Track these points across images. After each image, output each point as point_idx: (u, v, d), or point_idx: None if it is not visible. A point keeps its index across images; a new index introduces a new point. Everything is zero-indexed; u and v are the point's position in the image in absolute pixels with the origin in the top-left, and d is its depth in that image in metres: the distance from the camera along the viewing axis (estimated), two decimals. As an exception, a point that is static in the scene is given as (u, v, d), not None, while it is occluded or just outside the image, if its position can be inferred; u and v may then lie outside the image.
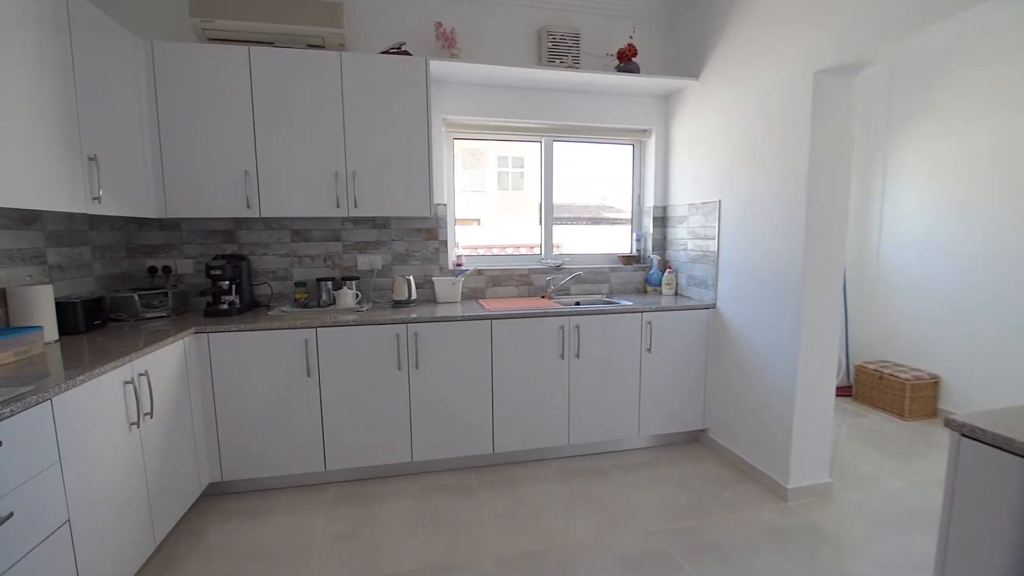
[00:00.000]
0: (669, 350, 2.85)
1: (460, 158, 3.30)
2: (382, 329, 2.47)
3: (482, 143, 3.37)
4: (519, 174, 3.51)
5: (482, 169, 3.44)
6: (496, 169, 3.49)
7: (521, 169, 3.51)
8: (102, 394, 1.63)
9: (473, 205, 3.38)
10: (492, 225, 3.41)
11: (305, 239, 2.92)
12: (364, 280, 3.01)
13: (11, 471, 1.25)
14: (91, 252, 2.44)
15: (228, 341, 2.32)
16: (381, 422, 2.52)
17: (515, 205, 3.52)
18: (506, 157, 3.44)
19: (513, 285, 3.23)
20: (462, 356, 2.58)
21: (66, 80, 1.84)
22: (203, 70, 2.41)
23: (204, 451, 2.33)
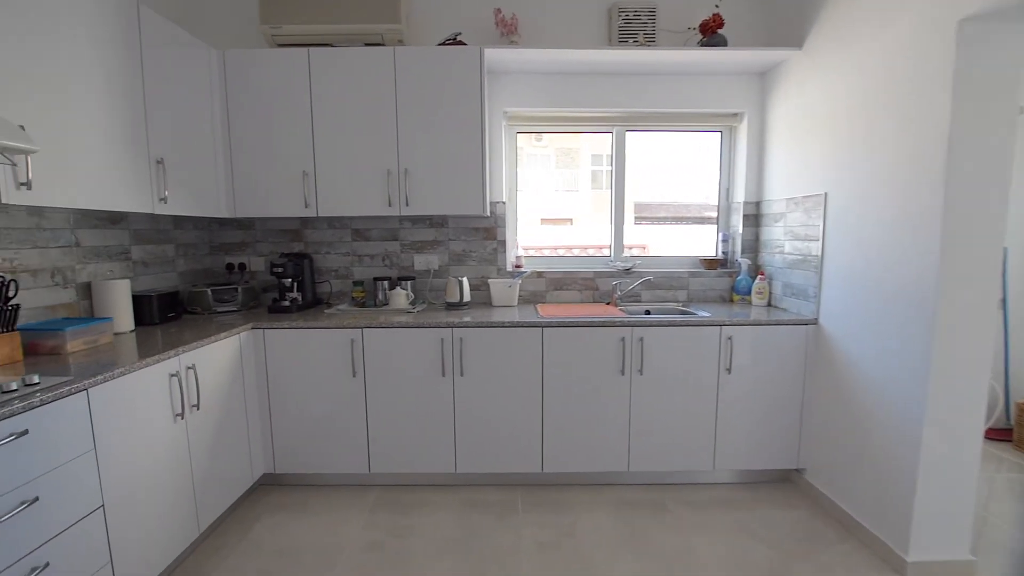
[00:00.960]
0: (755, 371, 2.40)
1: (553, 158, 3.13)
2: (427, 332, 2.37)
3: (575, 142, 3.16)
4: (610, 172, 3.23)
5: (575, 168, 3.24)
6: (590, 168, 3.27)
7: (612, 167, 3.24)
8: (145, 386, 1.69)
9: (567, 205, 3.18)
10: (586, 225, 3.16)
11: (365, 238, 2.93)
12: (420, 280, 2.95)
13: (38, 458, 1.31)
14: (174, 249, 2.64)
15: (281, 337, 2.37)
16: (424, 429, 2.43)
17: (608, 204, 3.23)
18: (600, 155, 3.19)
19: (576, 289, 2.97)
20: (510, 365, 2.39)
21: (135, 89, 1.97)
22: (267, 75, 2.49)
23: (259, 443, 2.40)
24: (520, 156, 3.12)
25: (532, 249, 3.14)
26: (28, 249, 1.86)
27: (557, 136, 3.16)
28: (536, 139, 3.19)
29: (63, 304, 2.00)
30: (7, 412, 1.23)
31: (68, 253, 2.02)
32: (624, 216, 3.06)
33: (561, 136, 3.10)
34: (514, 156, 3.02)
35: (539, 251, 3.15)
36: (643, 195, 3.14)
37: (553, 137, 3.18)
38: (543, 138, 3.22)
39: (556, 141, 3.17)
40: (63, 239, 2.00)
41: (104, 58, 1.82)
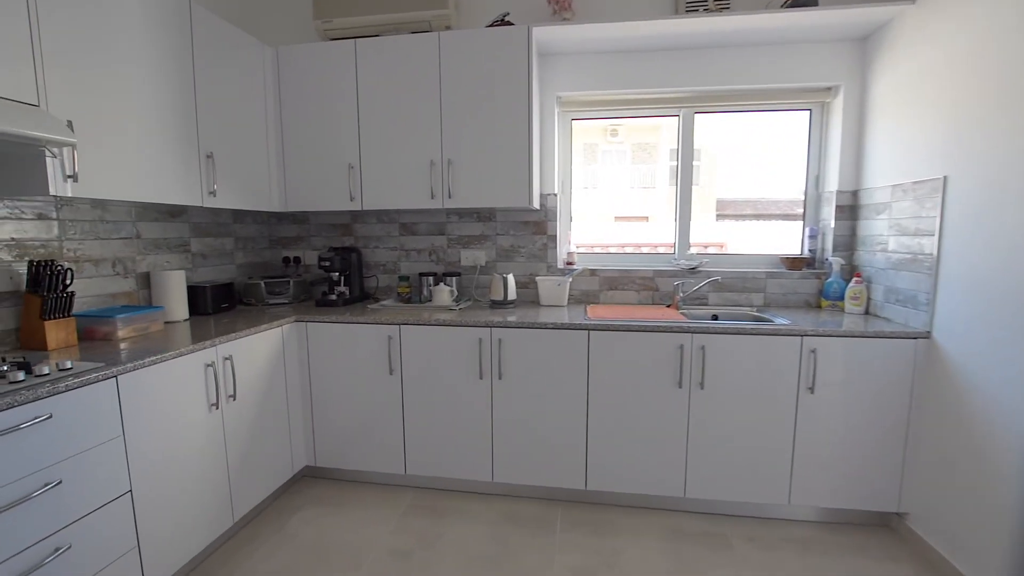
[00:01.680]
0: (846, 392, 2.01)
1: (629, 153, 2.90)
2: (464, 331, 2.25)
3: (652, 137, 2.90)
4: (695, 167, 2.93)
5: (652, 164, 2.99)
6: (668, 163, 3.00)
7: (697, 163, 2.94)
8: (179, 375, 1.72)
9: (643, 202, 2.94)
10: (663, 223, 2.89)
11: (412, 233, 2.87)
12: (467, 276, 2.84)
13: (61, 443, 1.34)
14: (233, 243, 2.74)
15: (322, 331, 2.36)
16: (461, 433, 2.31)
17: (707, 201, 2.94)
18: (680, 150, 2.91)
19: (633, 290, 2.70)
20: (552, 370, 2.20)
21: (186, 85, 2.02)
22: (316, 69, 2.49)
23: (301, 435, 2.42)
24: (594, 152, 2.91)
25: (592, 247, 2.91)
26: (91, 240, 1.97)
27: (633, 130, 2.90)
28: (611, 134, 2.97)
29: (123, 292, 2.11)
30: (31, 396, 1.26)
31: (129, 244, 2.13)
32: (691, 209, 2.74)
33: (637, 130, 2.83)
34: (568, 144, 2.81)
35: (604, 248, 2.91)
36: (724, 189, 2.80)
37: (629, 131, 2.93)
38: (618, 132, 2.98)
39: (632, 136, 2.92)
40: (125, 231, 2.11)
41: (155, 55, 1.88)
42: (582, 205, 2.90)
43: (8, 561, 1.22)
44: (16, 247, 1.72)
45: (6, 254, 1.69)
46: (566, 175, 2.83)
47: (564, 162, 2.81)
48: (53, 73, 1.52)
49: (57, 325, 1.71)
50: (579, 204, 2.89)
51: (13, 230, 1.71)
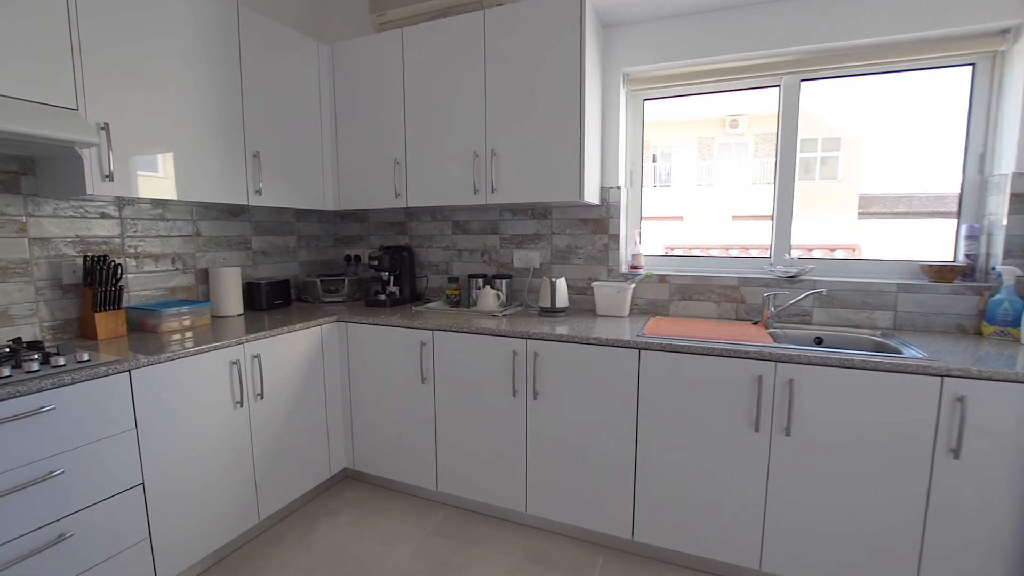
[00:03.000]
0: (1009, 463, 1.40)
1: (752, 146, 2.49)
2: (497, 342, 2.01)
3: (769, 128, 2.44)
4: (832, 158, 2.41)
5: (775, 156, 2.54)
6: (799, 155, 2.52)
7: (835, 153, 2.42)
8: (201, 372, 1.73)
9: (762, 199, 2.49)
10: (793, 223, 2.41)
11: (465, 231, 2.70)
12: (519, 279, 2.59)
13: (65, 434, 1.37)
14: (296, 241, 2.82)
15: (361, 332, 2.29)
16: (493, 455, 2.08)
17: (822, 197, 2.42)
18: (813, 140, 2.41)
19: (711, 300, 2.23)
20: (594, 393, 1.87)
21: (232, 86, 2.06)
22: (366, 63, 2.43)
23: (341, 437, 2.38)
24: (710, 146, 2.52)
25: (672, 248, 2.50)
26: (152, 237, 2.10)
27: (757, 120, 2.43)
28: (730, 125, 2.55)
29: (182, 287, 2.23)
30: (34, 388, 1.30)
31: (188, 241, 2.25)
32: (792, 201, 2.19)
33: (762, 120, 2.36)
34: (639, 129, 2.42)
35: (704, 251, 2.48)
36: (867, 181, 2.22)
37: (751, 122, 2.47)
38: (739, 123, 2.55)
39: (756, 126, 2.46)
40: (185, 229, 2.23)
41: (200, 57, 1.93)
42: (695, 204, 2.51)
43: (6, 545, 1.27)
44: (80, 243, 1.87)
45: (71, 250, 1.84)
46: (635, 165, 2.44)
47: (633, 150, 2.43)
48: (92, 77, 1.60)
49: (107, 316, 1.83)
50: (690, 202, 2.51)
51: (78, 228, 1.86)
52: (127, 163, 1.70)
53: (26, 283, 1.72)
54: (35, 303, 1.75)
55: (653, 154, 2.52)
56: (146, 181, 1.77)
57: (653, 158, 2.53)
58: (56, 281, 1.80)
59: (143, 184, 1.75)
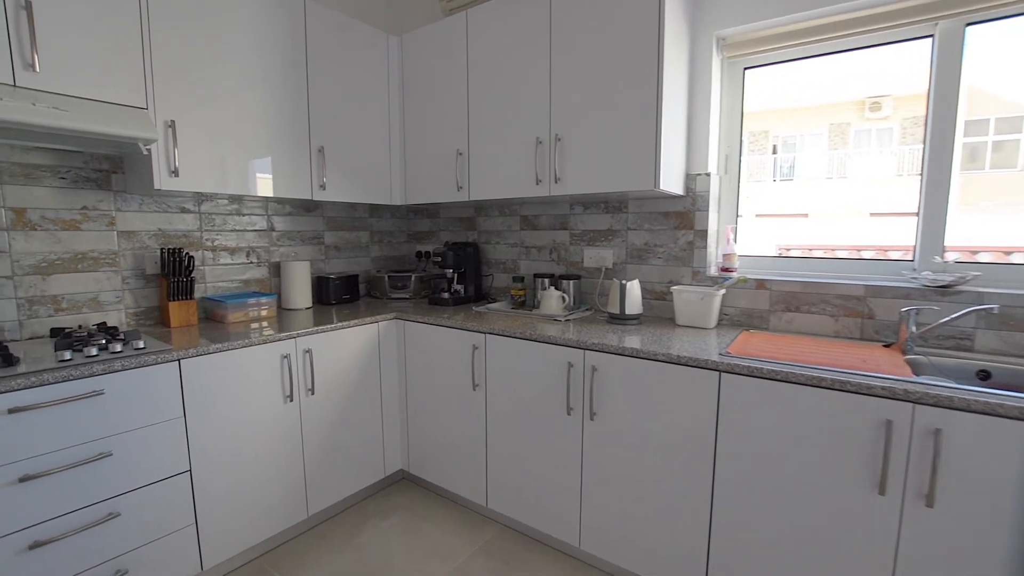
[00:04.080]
0: None
1: (897, 131, 2.05)
2: (551, 351, 1.78)
3: None
4: (1009, 142, 1.88)
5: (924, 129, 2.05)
6: (962, 139, 2.02)
7: (1016, 135, 1.88)
8: (251, 364, 1.74)
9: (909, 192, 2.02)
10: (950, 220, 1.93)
11: (533, 227, 2.50)
12: (589, 280, 2.32)
13: (113, 418, 1.43)
14: (369, 236, 2.83)
15: (418, 331, 2.20)
16: (546, 478, 1.85)
17: (995, 188, 1.90)
18: (984, 121, 1.91)
19: (827, 314, 1.78)
20: (660, 420, 1.56)
21: (298, 81, 2.07)
22: (432, 51, 2.33)
23: (398, 437, 2.32)
24: (844, 134, 2.09)
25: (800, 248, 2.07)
26: (228, 231, 2.20)
27: (904, 102, 1.93)
28: (871, 108, 2.09)
29: (256, 279, 2.32)
30: (86, 372, 1.36)
31: (263, 236, 2.33)
32: (949, 191, 1.65)
33: (910, 102, 1.87)
34: (738, 104, 2.02)
35: (783, 252, 2.05)
36: None
37: (898, 104, 1.99)
38: (882, 106, 2.08)
39: (903, 108, 1.97)
40: (259, 224, 2.31)
41: (265, 52, 1.96)
42: (822, 199, 2.07)
43: (58, 519, 1.34)
44: (162, 236, 1.99)
45: (154, 242, 1.97)
46: (732, 149, 2.04)
47: (730, 131, 2.04)
48: (162, 76, 1.67)
49: (179, 306, 1.93)
50: (816, 197, 2.06)
51: (160, 222, 1.98)
52: (192, 159, 1.77)
53: (114, 272, 1.87)
54: (121, 291, 1.89)
55: (774, 145, 2.13)
56: (209, 176, 1.82)
57: (773, 149, 2.13)
58: (140, 271, 1.93)
59: (207, 179, 1.81)
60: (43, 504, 1.31)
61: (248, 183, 1.93)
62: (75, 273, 1.77)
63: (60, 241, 1.74)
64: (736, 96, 2.01)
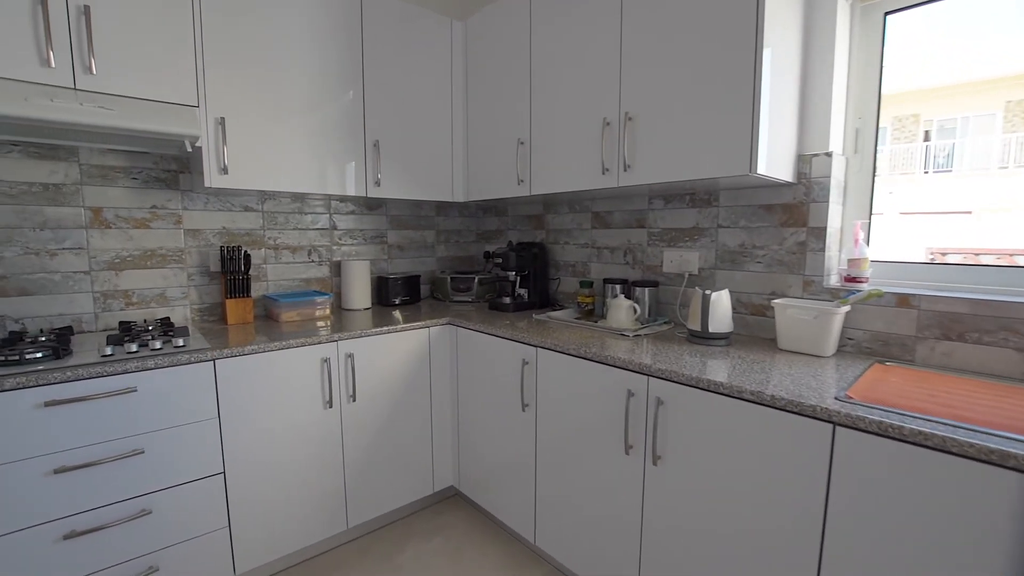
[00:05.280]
0: None
1: None
2: (609, 375, 1.47)
3: None
4: None
5: None
6: None
7: None
8: (288, 368, 1.67)
9: None
10: None
11: (605, 225, 2.18)
12: (670, 287, 1.95)
13: (147, 415, 1.42)
14: (435, 235, 2.71)
15: (471, 339, 2.01)
16: (599, 522, 1.55)
17: None
18: None
19: (1009, 346, 1.24)
20: (746, 479, 1.18)
21: (354, 73, 1.99)
22: (494, 33, 2.13)
23: (449, 452, 2.15)
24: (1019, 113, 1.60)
25: (961, 252, 1.55)
26: (290, 230, 2.20)
27: None
28: None
29: (316, 278, 2.30)
30: (119, 369, 1.37)
31: (324, 234, 2.30)
32: None
33: None
34: (875, 60, 1.53)
35: (937, 255, 1.53)
36: None
37: None
38: None
39: None
40: (321, 222, 2.29)
41: (320, 45, 1.90)
42: (992, 194, 1.56)
43: (92, 512, 1.36)
44: (225, 234, 2.03)
45: (218, 240, 2.01)
46: (865, 122, 1.55)
47: (861, 97, 1.55)
48: (213, 73, 1.66)
49: (236, 303, 1.94)
50: (983, 191, 1.56)
51: (224, 220, 2.02)
52: (242, 156, 1.75)
53: (180, 269, 1.93)
54: (187, 287, 1.95)
55: (926, 130, 1.64)
56: (258, 173, 1.79)
57: (926, 136, 1.65)
58: (204, 268, 1.98)
59: (255, 176, 1.78)
60: (77, 496, 1.33)
61: (297, 180, 1.88)
62: (144, 269, 1.85)
63: (132, 238, 1.82)
64: (873, 50, 1.52)
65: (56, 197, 1.68)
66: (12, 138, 1.57)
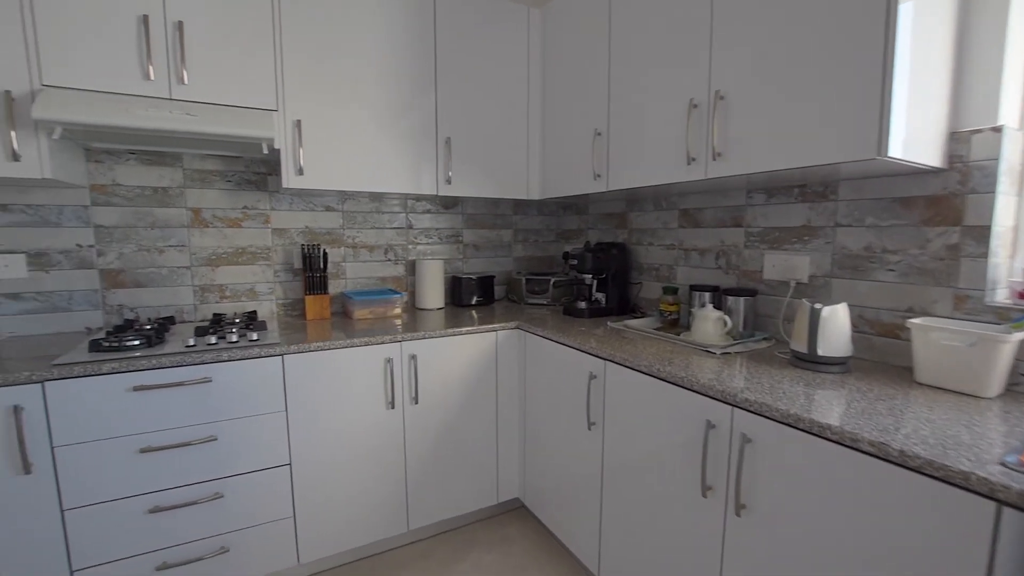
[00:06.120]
0: None
1: None
2: (685, 400, 1.26)
3: None
4: None
5: None
6: None
7: None
8: (352, 366, 1.68)
9: None
10: None
11: (696, 223, 1.92)
12: (771, 298, 1.65)
13: (221, 404, 1.50)
14: (512, 235, 2.62)
15: (539, 346, 1.89)
16: (671, 569, 1.33)
17: None
18: None
19: None
20: (866, 552, 0.92)
21: (426, 67, 1.96)
22: (572, 18, 1.97)
23: (515, 462, 2.05)
24: None
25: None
26: (368, 229, 2.24)
27: None
28: None
29: (392, 277, 2.32)
30: (197, 359, 1.45)
31: (401, 233, 2.32)
32: None
33: None
34: (1078, 2, 1.12)
35: None
36: None
37: None
38: None
39: None
40: (398, 221, 2.30)
41: (392, 43, 1.89)
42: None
43: (172, 491, 1.46)
44: (308, 233, 2.12)
45: (301, 239, 2.11)
46: (1061, 80, 1.15)
47: (1056, 49, 1.15)
48: (291, 77, 1.72)
49: (314, 300, 2.02)
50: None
51: (307, 219, 2.11)
52: (316, 157, 1.79)
53: (267, 266, 2.05)
54: (273, 283, 2.07)
55: None
56: (331, 173, 1.83)
57: None
58: (288, 265, 2.09)
59: (328, 176, 1.82)
60: (160, 475, 1.44)
61: (368, 179, 1.89)
62: (236, 265, 1.99)
63: (226, 237, 1.96)
64: (1077, -15, 1.12)
65: (164, 199, 1.85)
66: (129, 147, 1.76)
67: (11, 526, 1.29)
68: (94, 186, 1.75)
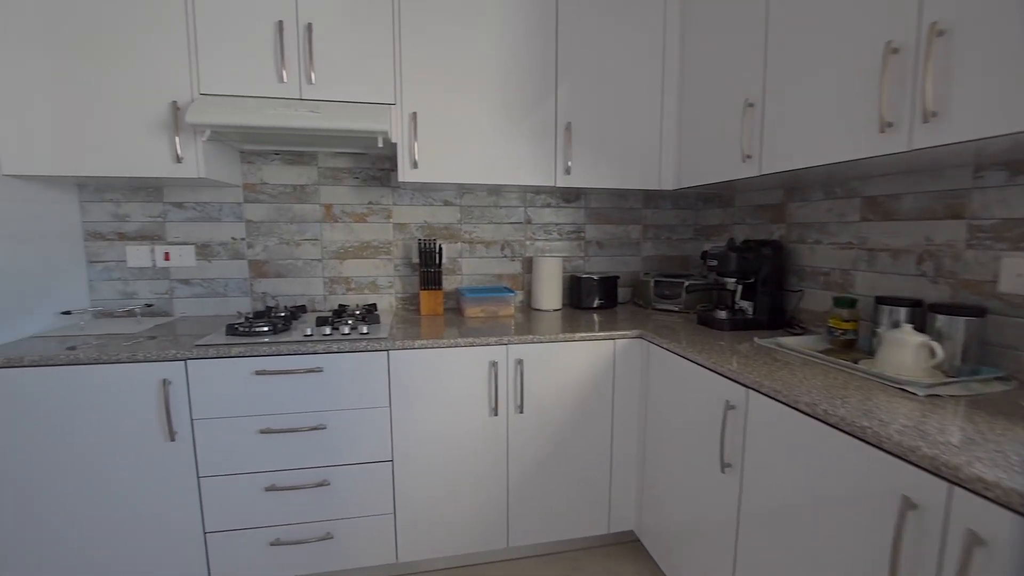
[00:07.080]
0: None
1: None
2: (869, 459, 0.91)
3: None
4: None
5: None
6: None
7: None
8: (457, 367, 1.61)
9: None
10: None
11: (886, 214, 1.45)
12: (1007, 321, 1.15)
13: (331, 394, 1.53)
14: (641, 231, 2.33)
15: (664, 360, 1.62)
16: (827, 676, 0.99)
17: None
18: None
19: None
20: None
21: (547, 49, 1.80)
22: (727, -38, 1.63)
23: (632, 491, 1.80)
24: None
25: None
26: (485, 224, 2.17)
27: None
28: None
29: (508, 274, 2.21)
30: (310, 349, 1.50)
31: (519, 229, 2.20)
32: None
33: None
34: None
35: None
36: None
37: None
38: None
39: None
40: (515, 216, 2.19)
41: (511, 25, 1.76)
42: None
43: (285, 472, 1.53)
44: (427, 228, 2.11)
45: (420, 233, 2.11)
46: None
47: None
48: (409, 69, 1.70)
49: (428, 295, 2.00)
50: None
51: (426, 214, 2.10)
52: (430, 150, 1.75)
53: (388, 260, 2.09)
54: (392, 277, 2.10)
55: None
56: (444, 166, 1.77)
57: None
58: (407, 260, 2.11)
59: (441, 169, 1.77)
60: (276, 457, 1.52)
61: (479, 171, 1.80)
62: (361, 259, 2.06)
63: (352, 231, 2.04)
64: None
65: (301, 196, 1.99)
66: (274, 148, 1.92)
67: (158, 487, 1.45)
68: (246, 185, 1.94)
